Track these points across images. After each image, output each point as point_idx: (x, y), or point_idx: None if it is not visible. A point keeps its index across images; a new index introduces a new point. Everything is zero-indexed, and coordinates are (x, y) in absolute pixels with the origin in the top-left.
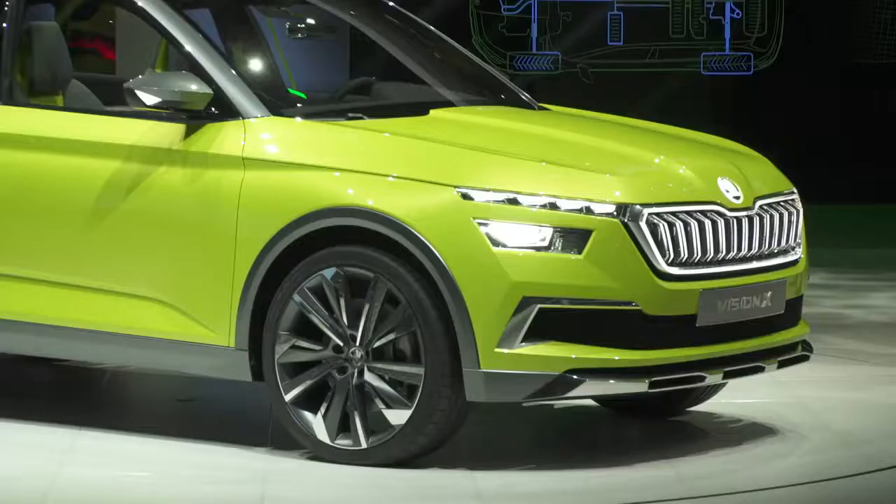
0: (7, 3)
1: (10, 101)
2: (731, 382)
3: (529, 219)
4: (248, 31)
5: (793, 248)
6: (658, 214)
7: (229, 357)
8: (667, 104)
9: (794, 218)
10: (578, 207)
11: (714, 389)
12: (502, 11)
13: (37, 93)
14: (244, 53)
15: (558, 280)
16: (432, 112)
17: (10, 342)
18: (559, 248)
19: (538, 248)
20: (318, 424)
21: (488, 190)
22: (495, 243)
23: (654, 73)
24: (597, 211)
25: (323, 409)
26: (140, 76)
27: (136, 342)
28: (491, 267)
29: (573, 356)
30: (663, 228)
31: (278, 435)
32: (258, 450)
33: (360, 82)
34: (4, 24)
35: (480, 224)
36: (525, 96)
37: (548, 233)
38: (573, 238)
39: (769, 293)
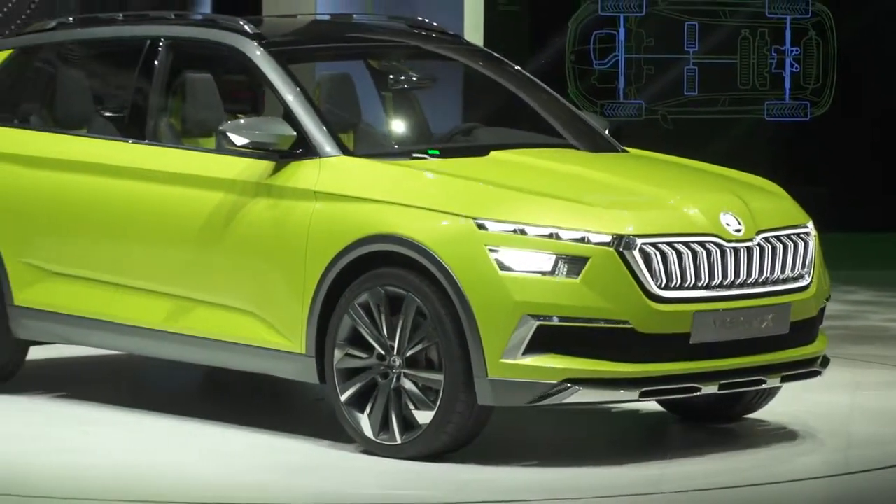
0: (157, 57)
1: (154, 139)
2: (785, 391)
3: (534, 246)
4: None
5: (801, 276)
6: (652, 244)
7: (302, 362)
8: (734, 145)
9: (801, 248)
10: (578, 237)
11: (767, 397)
12: (594, 66)
13: (189, 134)
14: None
15: (556, 300)
16: (492, 153)
17: (127, 344)
18: (559, 273)
19: (540, 273)
20: (364, 422)
21: (501, 221)
22: (503, 267)
23: (723, 119)
24: (594, 240)
25: (368, 409)
26: (236, 120)
27: (230, 348)
28: (497, 288)
29: (570, 367)
30: (656, 256)
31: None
32: (323, 442)
33: (466, 126)
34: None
35: (491, 251)
36: (610, 139)
37: (550, 259)
38: (572, 264)
39: (770, 315)
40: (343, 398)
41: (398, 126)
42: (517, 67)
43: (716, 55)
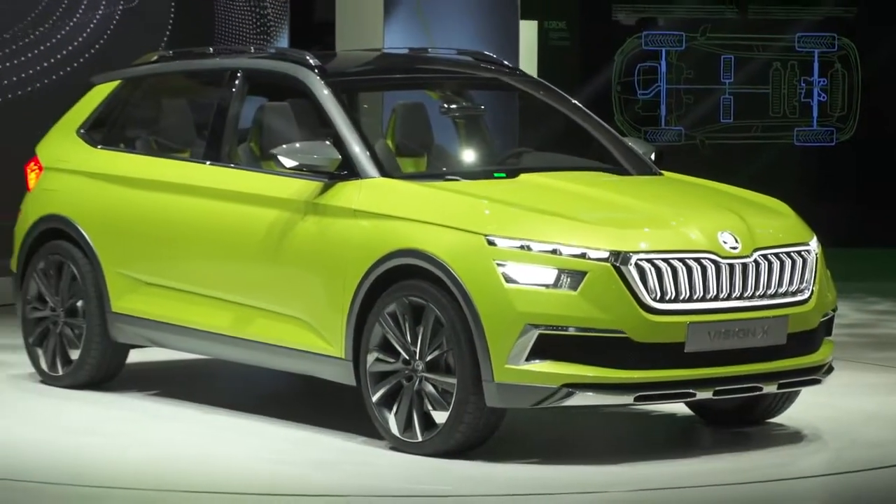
0: (235, 86)
1: (230, 162)
2: (811, 396)
3: (537, 261)
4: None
5: (800, 290)
6: (647, 260)
7: (342, 366)
8: (766, 168)
9: (800, 264)
10: (577, 253)
11: (786, 402)
12: (638, 96)
13: (268, 157)
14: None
15: (556, 311)
16: (521, 176)
17: (201, 348)
18: (559, 286)
19: (542, 285)
20: (392, 421)
21: (508, 238)
22: (508, 280)
23: (756, 144)
24: (592, 256)
25: (395, 409)
26: (286, 145)
27: (283, 352)
28: (502, 299)
29: (569, 373)
30: (651, 271)
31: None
32: (357, 439)
33: (517, 150)
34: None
35: (499, 265)
36: (649, 163)
37: (552, 273)
38: (571, 278)
39: (766, 327)
40: (374, 399)
41: (466, 150)
42: (574, 100)
43: (749, 86)
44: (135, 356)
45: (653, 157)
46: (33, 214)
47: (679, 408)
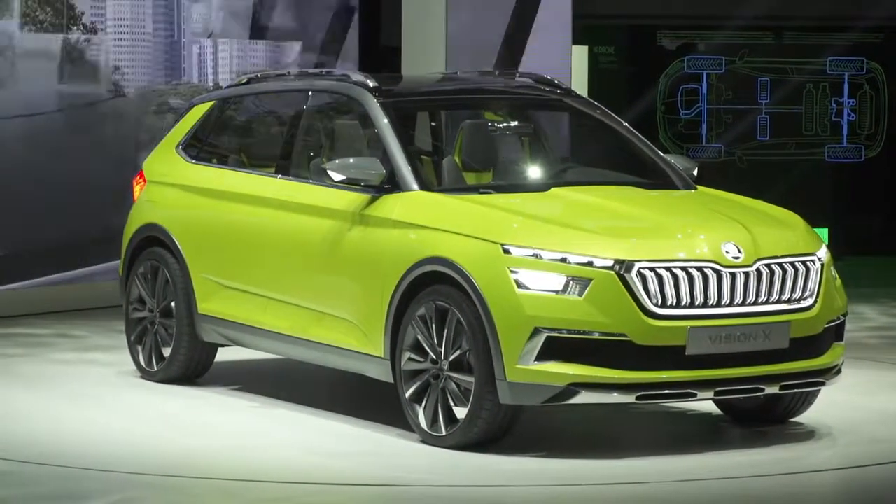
0: (307, 105)
1: (299, 176)
2: (832, 396)
3: (546, 269)
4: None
5: (803, 297)
6: (650, 268)
7: (382, 365)
8: (799, 182)
9: (803, 273)
10: (584, 262)
11: (805, 403)
12: (681, 115)
13: None
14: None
15: (563, 315)
16: (553, 189)
17: (269, 346)
18: (566, 292)
19: (551, 291)
20: (421, 415)
21: (521, 247)
22: (520, 286)
23: (790, 160)
24: (597, 264)
25: (424, 405)
26: (338, 160)
27: (336, 352)
28: (514, 304)
29: (574, 373)
30: (653, 279)
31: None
32: (393, 432)
33: (565, 166)
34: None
35: (512, 272)
36: (686, 178)
37: (560, 280)
38: (578, 284)
39: (768, 332)
40: (406, 395)
41: (525, 165)
42: (622, 119)
43: (784, 106)
44: (227, 354)
45: (695, 172)
46: (136, 223)
47: (711, 407)
